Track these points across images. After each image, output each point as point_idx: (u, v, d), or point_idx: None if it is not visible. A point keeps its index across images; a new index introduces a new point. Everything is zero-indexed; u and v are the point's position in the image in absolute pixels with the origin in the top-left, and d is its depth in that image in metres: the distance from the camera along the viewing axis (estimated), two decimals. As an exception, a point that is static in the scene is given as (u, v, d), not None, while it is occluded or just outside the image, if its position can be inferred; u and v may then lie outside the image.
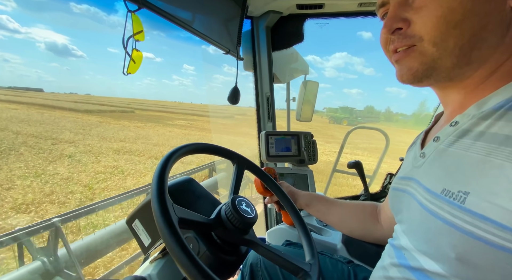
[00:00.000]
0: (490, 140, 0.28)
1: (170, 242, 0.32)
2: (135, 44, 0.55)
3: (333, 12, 1.08)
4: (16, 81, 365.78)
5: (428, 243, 0.33)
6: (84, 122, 12.43)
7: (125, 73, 0.56)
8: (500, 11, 0.29)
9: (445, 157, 0.34)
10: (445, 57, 0.31)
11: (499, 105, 0.29)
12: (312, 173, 1.06)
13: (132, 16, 0.52)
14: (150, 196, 0.48)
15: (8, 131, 8.34)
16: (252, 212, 0.45)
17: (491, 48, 0.31)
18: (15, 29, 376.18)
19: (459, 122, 0.34)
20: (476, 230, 0.27)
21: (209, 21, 0.87)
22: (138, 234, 0.50)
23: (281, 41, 1.18)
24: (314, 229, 0.82)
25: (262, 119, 1.29)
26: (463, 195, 0.28)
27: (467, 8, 0.29)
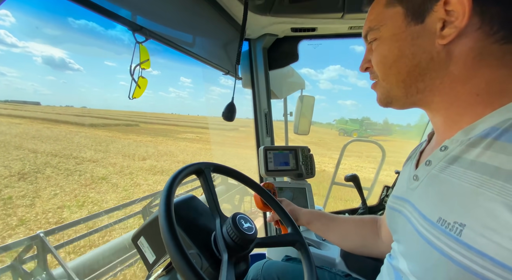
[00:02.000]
0: (481, 171, 0.28)
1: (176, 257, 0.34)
2: (141, 72, 0.60)
3: (326, 34, 1.15)
4: (12, 95, 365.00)
5: (425, 272, 0.33)
6: (96, 138, 12.21)
7: (130, 97, 0.60)
8: (428, 50, 0.33)
9: (439, 184, 0.34)
10: (394, 89, 0.38)
11: (486, 132, 0.30)
12: (310, 186, 1.09)
13: (140, 46, 0.58)
14: (155, 215, 0.51)
15: (24, 149, 8.08)
16: (253, 227, 0.47)
17: (435, 79, 0.34)
18: (12, 44, 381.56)
19: (449, 147, 0.34)
20: (474, 265, 0.26)
21: (210, 46, 0.94)
22: (143, 251, 0.52)
23: (277, 61, 1.25)
24: (313, 243, 0.83)
25: (260, 134, 1.33)
26: (459, 227, 0.28)
27: (395, 53, 0.36)
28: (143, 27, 0.58)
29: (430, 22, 0.33)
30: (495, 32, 0.30)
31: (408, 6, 0.34)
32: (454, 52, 0.32)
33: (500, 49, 0.30)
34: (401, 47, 0.35)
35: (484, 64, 0.31)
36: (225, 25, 1.02)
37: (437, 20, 0.32)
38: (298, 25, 1.05)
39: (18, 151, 7.84)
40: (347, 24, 1.02)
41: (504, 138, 0.28)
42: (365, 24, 0.41)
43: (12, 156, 7.15)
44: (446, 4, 0.31)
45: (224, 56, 1.02)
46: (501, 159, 0.27)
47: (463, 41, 0.31)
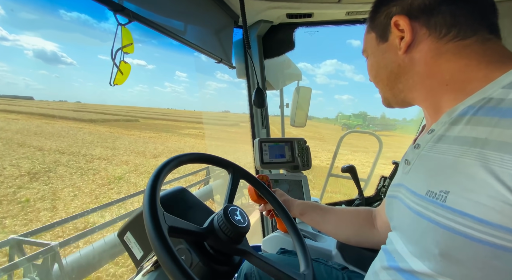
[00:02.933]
0: (462, 143, 0.32)
1: (159, 250, 0.32)
2: (123, 56, 0.56)
3: (322, 21, 1.11)
4: (4, 89, 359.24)
5: (416, 243, 0.35)
6: (99, 134, 11.84)
7: (111, 83, 0.56)
8: (395, 60, 0.42)
9: (427, 162, 0.37)
10: (385, 92, 0.48)
11: (464, 111, 0.34)
12: (306, 179, 1.07)
13: (122, 29, 0.53)
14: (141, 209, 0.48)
15: (29, 147, 7.78)
16: (244, 221, 0.45)
17: (407, 79, 0.42)
18: (2, 37, 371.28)
19: (435, 129, 0.38)
20: (457, 225, 0.29)
21: (201, 32, 0.89)
22: (130, 247, 0.49)
23: (272, 49, 1.21)
24: (309, 235, 0.82)
25: (256, 126, 1.30)
26: (444, 194, 0.31)
27: (375, 66, 0.47)
28: (125, 8, 0.53)
29: (392, 40, 0.42)
30: (444, 34, 0.37)
31: (377, 31, 0.45)
32: (415, 57, 0.40)
33: (456, 46, 0.37)
34: (377, 61, 0.46)
35: (443, 60, 0.37)
36: (217, 10, 0.97)
37: (396, 37, 0.41)
38: (294, 11, 1.01)
39: (23, 149, 7.62)
40: (344, 9, 0.97)
41: (480, 113, 0.32)
42: (363, 45, 0.51)
43: (18, 154, 6.92)
44: (397, 26, 0.40)
45: (217, 44, 0.97)
46: (478, 130, 0.31)
47: (420, 47, 0.39)
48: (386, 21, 0.42)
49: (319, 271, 0.59)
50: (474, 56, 0.36)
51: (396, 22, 0.40)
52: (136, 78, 66.95)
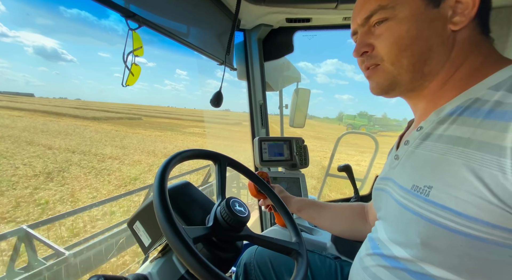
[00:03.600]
0: (446, 141, 0.34)
1: (170, 234, 0.36)
2: (134, 59, 0.60)
3: (320, 25, 1.15)
4: (4, 86, 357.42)
5: (400, 233, 0.38)
6: (106, 132, 11.72)
7: (124, 85, 0.60)
8: (441, 34, 0.35)
9: (414, 158, 0.39)
10: (403, 73, 0.38)
11: (452, 111, 0.35)
12: (304, 176, 1.11)
13: (133, 34, 0.57)
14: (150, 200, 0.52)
15: (38, 145, 7.66)
16: (245, 211, 0.49)
17: (439, 63, 0.37)
18: (2, 33, 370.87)
19: (423, 127, 0.40)
20: (438, 218, 0.32)
21: (204, 35, 0.93)
22: (139, 235, 0.53)
23: (272, 52, 1.25)
24: (305, 229, 0.86)
25: (255, 126, 1.34)
26: (428, 189, 0.33)
27: (412, 35, 0.36)
28: (136, 14, 0.58)
29: (444, 8, 0.34)
30: (477, 23, 0.34)
31: None
32: (457, 39, 0.35)
33: (480, 39, 0.35)
34: (419, 28, 0.35)
35: (472, 51, 0.35)
36: (220, 15, 1.01)
37: (449, 8, 0.34)
38: (292, 15, 1.05)
39: (33, 147, 7.49)
40: (341, 15, 1.02)
41: (466, 113, 0.33)
42: (371, 2, 0.39)
43: (28, 153, 6.83)
44: None
45: (219, 47, 1.02)
46: (462, 130, 0.32)
47: (464, 30, 0.34)
48: None
49: (314, 260, 0.63)
50: (486, 54, 0.35)
51: None
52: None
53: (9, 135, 8.76)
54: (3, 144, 7.45)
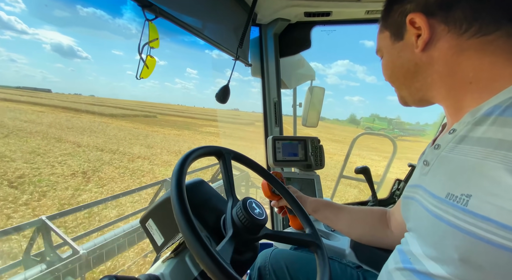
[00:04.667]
0: (486, 145, 0.31)
1: (187, 233, 0.34)
2: (149, 51, 0.58)
3: (340, 20, 1.10)
4: (22, 81, 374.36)
5: (433, 247, 0.34)
6: (128, 130, 11.73)
7: (138, 77, 0.58)
8: (412, 58, 0.41)
9: (447, 163, 0.36)
10: (402, 91, 0.47)
11: (490, 111, 0.32)
12: (319, 178, 1.06)
13: (150, 24, 0.55)
14: (163, 197, 0.50)
15: (66, 142, 7.63)
16: (263, 212, 0.46)
17: (426, 77, 0.41)
18: (22, 30, 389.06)
19: (456, 129, 0.37)
20: (478, 230, 0.28)
21: (220, 29, 0.91)
22: (151, 233, 0.51)
23: (288, 48, 1.21)
24: (322, 234, 0.82)
25: (269, 124, 1.31)
26: (466, 198, 0.30)
27: (390, 66, 0.46)
28: (153, 4, 0.55)
29: (408, 38, 0.41)
30: (465, 30, 0.35)
31: (391, 29, 0.44)
32: (434, 55, 0.38)
33: (479, 42, 0.35)
34: (392, 60, 0.45)
35: (465, 57, 0.36)
36: (236, 8, 0.98)
37: (412, 35, 0.39)
38: (312, 9, 1.01)
39: (63, 144, 7.42)
40: (364, 7, 0.96)
41: (507, 113, 0.30)
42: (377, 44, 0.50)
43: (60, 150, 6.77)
44: (413, 23, 0.39)
45: (235, 41, 0.99)
46: (504, 132, 0.30)
47: (439, 44, 0.37)
48: (400, 19, 0.41)
49: (334, 268, 0.59)
50: (499, 52, 0.34)
51: (412, 20, 0.38)
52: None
53: (37, 131, 8.89)
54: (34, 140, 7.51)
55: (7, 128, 8.76)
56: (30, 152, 6.24)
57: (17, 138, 7.54)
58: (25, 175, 4.83)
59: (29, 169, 5.13)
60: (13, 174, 4.79)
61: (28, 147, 6.68)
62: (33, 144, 7.05)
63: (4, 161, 5.46)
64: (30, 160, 5.64)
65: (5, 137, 7.50)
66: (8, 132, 8.12)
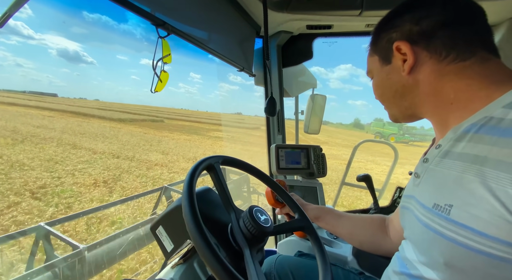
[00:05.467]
0: (464, 160, 0.34)
1: (199, 240, 0.36)
2: (163, 66, 0.61)
3: (341, 32, 1.14)
4: (29, 86, 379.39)
5: (424, 253, 0.38)
6: (137, 135, 11.59)
7: (152, 91, 0.62)
8: (399, 80, 0.44)
9: (434, 176, 0.39)
10: (392, 109, 0.50)
11: (468, 128, 0.36)
12: (321, 186, 1.08)
13: (163, 41, 0.59)
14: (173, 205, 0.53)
15: (82, 149, 7.44)
16: (269, 219, 0.48)
17: (413, 97, 0.44)
18: (29, 35, 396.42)
19: (442, 145, 0.40)
20: (459, 237, 0.32)
21: (226, 42, 0.95)
22: (161, 240, 0.53)
23: (291, 59, 1.25)
24: (324, 241, 0.83)
25: (272, 132, 1.33)
26: (448, 208, 0.34)
27: (379, 87, 0.50)
28: (165, 23, 0.59)
29: (395, 62, 0.44)
30: (444, 57, 0.39)
31: (379, 54, 0.47)
32: (419, 78, 0.42)
33: (457, 67, 0.38)
34: (382, 81, 0.48)
35: (446, 80, 0.39)
36: (242, 22, 1.02)
37: (398, 60, 0.43)
38: (314, 22, 1.05)
39: (79, 151, 7.20)
40: (364, 21, 1.00)
41: (482, 131, 0.34)
42: (367, 65, 0.54)
43: (76, 157, 6.57)
44: (399, 50, 0.42)
45: (240, 53, 1.03)
46: (479, 148, 0.33)
47: (422, 68, 0.41)
48: (387, 46, 0.44)
49: (337, 274, 0.61)
50: (475, 76, 0.37)
51: (398, 47, 0.42)
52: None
53: (50, 137, 8.79)
54: (50, 147, 7.38)
55: (20, 133, 8.71)
56: (48, 159, 6.11)
57: (32, 144, 7.45)
58: (47, 185, 4.62)
59: (49, 178, 4.96)
60: (35, 184, 4.58)
61: (45, 154, 6.56)
62: (50, 151, 6.93)
63: (24, 170, 5.30)
64: (50, 168, 5.51)
65: (20, 143, 7.41)
66: (22, 138, 8.06)
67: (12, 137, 7.93)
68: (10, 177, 4.85)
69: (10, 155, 6.15)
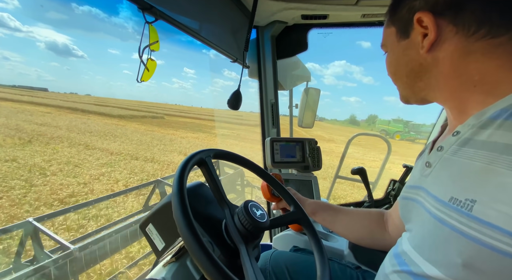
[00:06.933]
0: (491, 149, 0.30)
1: (189, 239, 0.34)
2: (150, 54, 0.57)
3: (337, 23, 1.11)
4: (17, 80, 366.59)
5: (434, 250, 0.34)
6: (147, 133, 11.06)
7: (139, 80, 0.58)
8: (416, 58, 0.40)
9: (451, 166, 0.36)
10: (404, 89, 0.45)
11: (496, 114, 0.32)
12: (316, 179, 1.07)
13: (150, 27, 0.55)
14: (163, 202, 0.50)
15: (96, 149, 6.95)
16: (265, 214, 0.46)
17: (430, 78, 0.40)
18: (16, 27, 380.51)
19: (461, 131, 0.36)
20: (483, 237, 0.28)
21: (218, 31, 0.90)
22: (151, 238, 0.51)
23: (285, 50, 1.22)
24: (320, 235, 0.83)
25: (266, 126, 1.31)
26: (470, 203, 0.30)
27: (394, 63, 0.45)
28: (153, 7, 0.55)
29: (414, 37, 0.39)
30: (474, 32, 0.34)
31: (398, 25, 0.42)
32: (439, 56, 0.37)
33: (486, 45, 0.34)
34: (397, 58, 0.44)
35: (471, 60, 0.35)
36: (235, 11, 0.98)
37: (418, 34, 0.38)
38: (309, 12, 1.02)
39: (94, 152, 6.66)
40: (360, 11, 0.98)
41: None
42: (382, 39, 0.49)
43: (94, 159, 6.05)
44: (420, 22, 0.37)
45: (233, 43, 0.99)
46: (510, 136, 0.29)
47: (445, 46, 0.36)
48: (408, 16, 0.39)
49: (334, 269, 0.60)
50: (506, 55, 0.33)
51: (419, 19, 0.37)
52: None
53: (59, 136, 8.21)
54: (63, 147, 6.84)
55: (25, 132, 8.12)
56: (66, 162, 5.59)
57: (41, 144, 6.92)
58: (76, 194, 4.12)
59: (75, 184, 4.46)
60: (62, 192, 4.08)
61: (60, 156, 6.01)
62: (64, 152, 6.42)
63: (47, 175, 4.72)
64: (71, 173, 4.99)
65: (27, 143, 6.85)
66: (29, 137, 7.46)
67: (18, 136, 7.39)
68: (33, 184, 4.27)
69: (24, 157, 5.56)
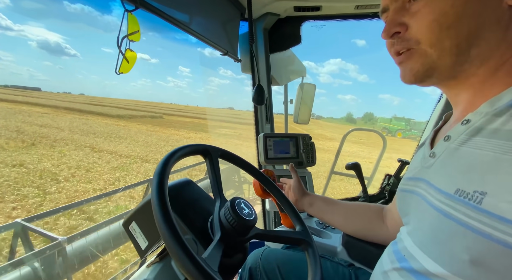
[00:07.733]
0: (506, 138, 0.27)
1: (168, 238, 0.32)
2: (129, 44, 0.54)
3: (330, 15, 1.09)
4: (9, 79, 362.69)
5: (437, 245, 0.32)
6: (149, 134, 10.80)
7: (117, 72, 0.55)
8: (495, 10, 0.30)
9: (458, 157, 0.32)
10: (444, 56, 0.33)
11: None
12: (310, 175, 1.06)
13: (129, 15, 0.52)
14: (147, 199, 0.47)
15: (103, 151, 6.71)
16: (252, 212, 0.44)
17: (491, 45, 0.31)
18: (7, 26, 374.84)
19: (471, 120, 0.33)
20: (495, 231, 0.25)
21: (207, 23, 0.87)
22: (135, 237, 0.49)
23: (279, 43, 1.19)
24: (313, 231, 0.81)
25: (260, 121, 1.29)
26: (480, 196, 0.27)
27: (459, 11, 0.30)
28: (132, -7, 0.52)
29: None
30: None
31: None
32: None
33: None
34: (467, 3, 0.30)
35: None
36: (224, 1, 0.95)
37: None
38: (302, 3, 0.99)
39: (102, 155, 6.44)
40: (353, 2, 0.95)
41: None
42: None
43: (104, 163, 5.80)
44: None
45: (223, 36, 0.96)
46: None
47: None
48: None
49: (325, 267, 0.58)
50: None
51: None
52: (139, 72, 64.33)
53: (62, 137, 7.98)
54: (69, 150, 6.58)
55: (27, 134, 7.84)
56: (76, 167, 5.37)
57: (46, 147, 6.65)
58: (95, 201, 3.81)
59: (91, 190, 4.28)
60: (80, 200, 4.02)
61: (69, 159, 5.78)
62: (72, 155, 6.19)
63: (60, 181, 4.47)
64: (85, 178, 4.80)
65: (31, 145, 6.58)
66: (32, 140, 7.18)
67: (21, 139, 7.14)
68: (47, 191, 4.06)
69: (32, 162, 5.31)
